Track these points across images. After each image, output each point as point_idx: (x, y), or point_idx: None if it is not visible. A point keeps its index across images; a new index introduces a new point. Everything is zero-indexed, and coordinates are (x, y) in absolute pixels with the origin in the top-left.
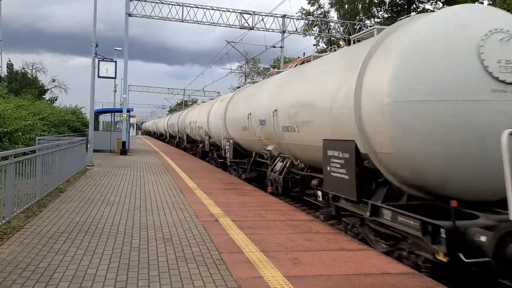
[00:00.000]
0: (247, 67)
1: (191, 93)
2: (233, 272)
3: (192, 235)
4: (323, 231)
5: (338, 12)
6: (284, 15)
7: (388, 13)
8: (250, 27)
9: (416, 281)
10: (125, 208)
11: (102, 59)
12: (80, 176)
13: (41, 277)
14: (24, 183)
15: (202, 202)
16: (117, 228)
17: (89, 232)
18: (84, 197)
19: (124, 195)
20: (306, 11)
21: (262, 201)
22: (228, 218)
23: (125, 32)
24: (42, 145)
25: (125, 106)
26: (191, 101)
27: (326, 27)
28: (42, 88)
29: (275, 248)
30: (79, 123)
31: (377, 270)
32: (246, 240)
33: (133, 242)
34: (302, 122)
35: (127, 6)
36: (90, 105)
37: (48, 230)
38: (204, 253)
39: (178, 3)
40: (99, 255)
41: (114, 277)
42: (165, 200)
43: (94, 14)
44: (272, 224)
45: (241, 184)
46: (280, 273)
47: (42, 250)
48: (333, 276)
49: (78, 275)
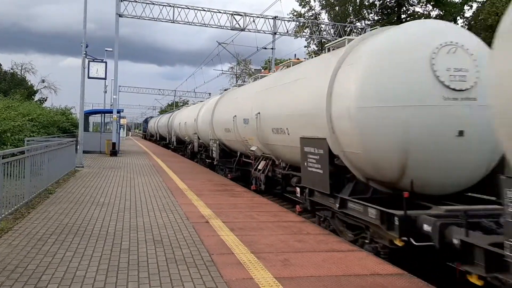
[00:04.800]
0: (239, 68)
1: (182, 94)
2: (223, 274)
3: (182, 237)
4: (314, 232)
5: (329, 14)
6: (275, 17)
7: (378, 15)
8: (241, 28)
9: (405, 281)
10: (115, 209)
11: (92, 60)
12: (70, 177)
13: (29, 279)
14: (13, 184)
15: (193, 204)
16: (107, 230)
17: (78, 234)
18: (74, 198)
19: (114, 197)
20: (297, 13)
21: (253, 202)
22: (219, 220)
23: (115, 33)
24: (31, 146)
25: (115, 107)
26: (182, 102)
27: (317, 29)
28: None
29: (266, 249)
30: (69, 124)
31: (367, 271)
32: (237, 242)
33: (122, 244)
34: (282, 124)
35: (117, 7)
36: (80, 106)
37: (37, 232)
38: (194, 254)
39: (169, 4)
40: (88, 257)
41: (103, 279)
42: (156, 201)
43: (84, 15)
44: (263, 225)
45: (232, 185)
46: (270, 275)
47: (31, 252)
48: (324, 277)
49: (67, 277)
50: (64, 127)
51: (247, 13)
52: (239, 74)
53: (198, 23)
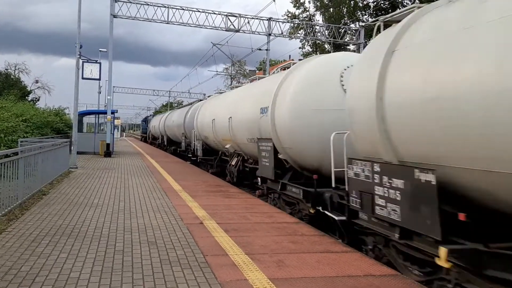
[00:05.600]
0: (233, 69)
1: (177, 95)
2: (217, 275)
3: (176, 238)
4: (308, 234)
5: (323, 15)
6: (270, 18)
7: (372, 17)
8: (236, 29)
9: (398, 282)
10: (109, 211)
11: (86, 61)
12: (64, 178)
13: (23, 280)
14: (6, 185)
15: (187, 205)
16: (101, 231)
17: (72, 235)
18: (67, 199)
19: (108, 198)
20: (291, 14)
21: (248, 203)
22: (213, 221)
23: (109, 34)
24: (25, 147)
25: (109, 108)
26: (177, 102)
27: (311, 30)
28: (25, 89)
29: (260, 250)
30: (63, 125)
31: (361, 272)
32: (231, 243)
33: (117, 245)
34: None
35: (112, 8)
36: (74, 106)
37: (31, 233)
38: (188, 256)
39: (164, 4)
40: (82, 259)
41: (97, 281)
42: (150, 202)
43: (79, 16)
44: (258, 226)
45: (226, 187)
46: (264, 276)
47: (24, 254)
48: (318, 278)
49: (61, 279)
50: (58, 128)
51: (242, 14)
52: (234, 75)
53: (193, 24)
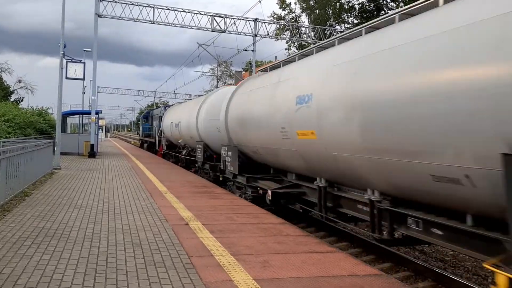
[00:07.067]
0: (219, 70)
1: (162, 95)
2: (202, 276)
3: (161, 239)
4: (293, 234)
5: (309, 17)
6: (256, 19)
7: (358, 19)
8: (222, 30)
9: (382, 282)
10: (92, 212)
11: (70, 60)
12: (47, 179)
13: (5, 283)
14: None
15: (172, 206)
16: (84, 233)
17: (55, 237)
18: (50, 201)
19: (92, 199)
20: (277, 15)
21: (234, 204)
22: (199, 222)
23: (94, 33)
24: (7, 147)
25: (93, 108)
26: (162, 103)
27: (297, 31)
28: (7, 89)
29: (246, 251)
30: (46, 125)
31: (346, 272)
32: (217, 244)
33: (100, 246)
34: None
35: (96, 7)
36: (58, 107)
37: (13, 235)
38: (173, 257)
39: (149, 4)
40: (65, 260)
41: (81, 283)
42: (134, 204)
43: (62, 15)
44: (243, 227)
45: (212, 187)
46: (250, 276)
47: (6, 256)
48: (303, 279)
49: (43, 281)
50: (41, 128)
51: (228, 15)
52: (220, 75)
53: (179, 24)
